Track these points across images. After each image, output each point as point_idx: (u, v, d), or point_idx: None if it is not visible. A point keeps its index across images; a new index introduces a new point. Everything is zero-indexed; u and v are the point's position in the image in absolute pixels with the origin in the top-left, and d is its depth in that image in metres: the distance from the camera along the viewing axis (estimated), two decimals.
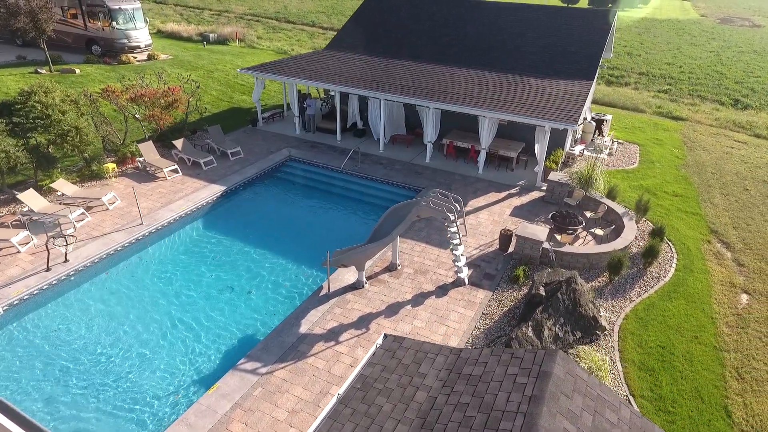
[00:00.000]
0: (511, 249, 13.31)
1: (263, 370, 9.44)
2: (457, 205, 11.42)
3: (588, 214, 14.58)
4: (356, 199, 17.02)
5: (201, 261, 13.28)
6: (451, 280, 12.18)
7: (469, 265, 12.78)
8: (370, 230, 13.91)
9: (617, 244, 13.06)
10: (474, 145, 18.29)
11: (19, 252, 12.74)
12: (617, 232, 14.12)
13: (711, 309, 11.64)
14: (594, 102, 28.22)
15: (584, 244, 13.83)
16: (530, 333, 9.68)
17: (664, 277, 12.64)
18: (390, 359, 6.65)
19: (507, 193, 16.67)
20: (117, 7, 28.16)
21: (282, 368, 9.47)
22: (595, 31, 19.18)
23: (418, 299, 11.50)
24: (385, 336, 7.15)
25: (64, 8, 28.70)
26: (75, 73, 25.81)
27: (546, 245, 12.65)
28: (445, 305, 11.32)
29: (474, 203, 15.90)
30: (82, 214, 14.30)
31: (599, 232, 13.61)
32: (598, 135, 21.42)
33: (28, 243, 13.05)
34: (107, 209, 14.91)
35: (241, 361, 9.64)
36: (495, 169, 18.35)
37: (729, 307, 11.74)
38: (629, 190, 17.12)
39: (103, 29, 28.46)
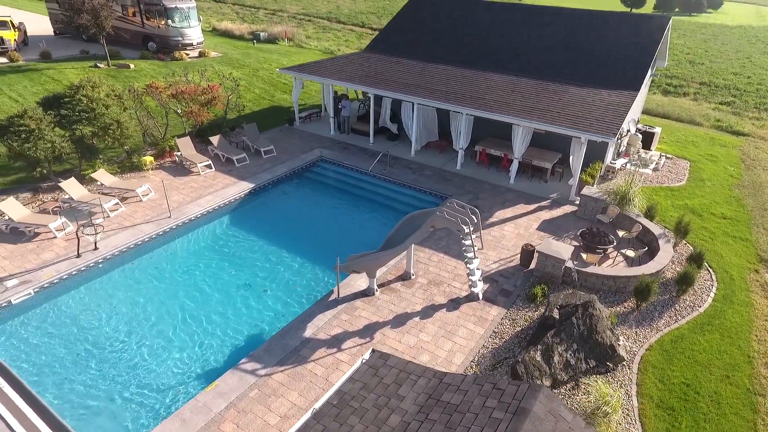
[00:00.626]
0: (533, 266, 12.75)
1: (263, 371, 9.48)
2: (473, 217, 11.04)
3: (621, 234, 13.73)
4: (382, 203, 16.87)
5: (222, 257, 13.55)
6: (465, 293, 11.80)
7: (486, 279, 12.34)
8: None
9: (648, 267, 12.21)
10: (507, 154, 17.69)
11: (55, 237, 13.48)
12: (651, 254, 13.21)
13: (749, 347, 10.65)
14: (645, 112, 26.71)
15: (614, 266, 13.03)
16: (538, 357, 9.19)
17: (699, 306, 11.69)
18: (372, 377, 6.45)
19: (537, 205, 16.00)
20: (173, 6, 29.37)
21: (281, 371, 9.48)
22: (644, 39, 18.06)
23: (428, 311, 11.21)
24: (373, 351, 6.97)
25: (125, 6, 30.26)
26: (130, 68, 27.17)
27: (569, 264, 12.01)
28: (455, 320, 10.97)
29: (500, 214, 15.36)
30: (116, 204, 14.96)
31: (630, 253, 12.78)
32: (644, 148, 20.19)
33: (65, 229, 13.79)
34: (141, 201, 15.53)
35: (243, 360, 9.73)
36: (528, 180, 17.67)
37: None
38: (672, 209, 16.01)
39: (159, 27, 29.78)
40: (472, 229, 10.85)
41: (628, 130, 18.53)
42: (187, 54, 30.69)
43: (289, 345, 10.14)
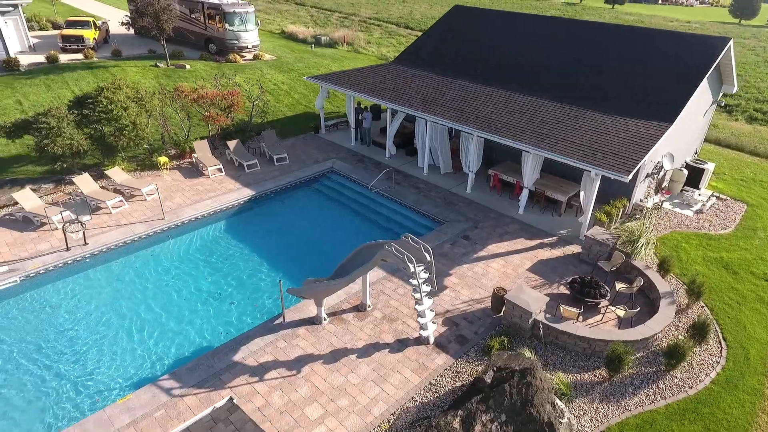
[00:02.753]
0: (503, 313, 11.52)
1: (177, 391, 9.36)
2: (426, 255, 10.16)
3: (618, 287, 12.02)
4: (377, 222, 16.26)
5: (200, 263, 13.72)
6: (417, 334, 10.92)
7: (447, 320, 11.34)
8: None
9: (635, 332, 10.54)
10: (519, 181, 16.29)
11: (56, 229, 14.43)
12: (650, 315, 11.41)
13: None
14: (716, 143, 23.52)
15: (601, 324, 11.42)
16: (456, 425, 8.19)
17: (690, 388, 9.87)
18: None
19: (539, 242, 14.54)
20: (231, 10, 30.67)
21: (194, 395, 9.29)
22: (690, 64, 15.72)
23: (369, 350, 10.50)
24: (230, 400, 6.51)
25: (193, 10, 32.12)
26: (185, 68, 28.75)
27: (540, 317, 10.69)
28: (394, 363, 10.16)
29: (493, 248, 14.13)
30: (120, 201, 15.74)
31: (620, 312, 11.11)
32: (691, 186, 17.67)
33: (72, 221, 14.72)
34: (145, 200, 16.23)
35: (164, 377, 9.69)
36: (540, 212, 16.15)
37: None
38: (700, 262, 13.80)
39: (218, 30, 31.25)
40: (416, 268, 9.98)
41: (660, 166, 16.29)
42: (242, 56, 31.92)
43: (214, 367, 9.95)
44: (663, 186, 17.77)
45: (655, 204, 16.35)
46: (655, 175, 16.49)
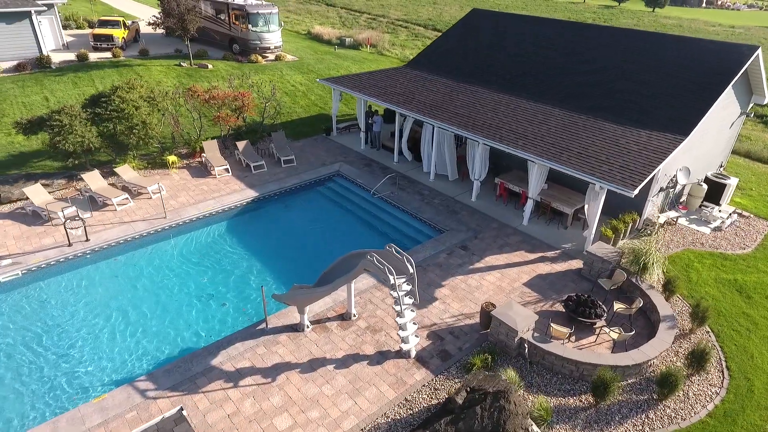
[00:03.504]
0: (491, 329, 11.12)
1: (152, 393, 9.40)
2: (409, 266, 9.90)
3: (616, 307, 11.42)
4: (377, 228, 16.06)
5: (196, 264, 13.83)
6: (399, 347, 10.66)
7: (432, 334, 11.04)
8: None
9: (627, 357, 9.98)
10: (525, 191, 15.79)
11: (60, 225, 14.84)
12: (649, 338, 10.80)
13: None
14: (738, 153, 22.26)
15: (593, 345, 10.88)
16: None
17: (683, 420, 9.26)
18: None
19: (540, 255, 14.02)
20: (255, 11, 31.06)
21: (167, 398, 9.31)
22: (714, 73, 14.84)
23: (348, 361, 10.31)
24: (180, 410, 6.45)
25: (219, 11, 32.70)
26: (207, 68, 29.27)
27: (526, 336, 10.26)
28: (371, 377, 9.94)
29: (491, 260, 13.72)
30: (126, 199, 16.07)
31: (614, 334, 10.54)
32: (711, 202, 16.73)
33: (73, 217, 15.12)
34: (150, 198, 16.52)
35: (141, 377, 9.76)
36: (545, 223, 15.60)
37: None
38: (711, 284, 13.01)
39: (242, 30, 31.70)
40: (396, 280, 9.72)
41: (674, 181, 15.46)
42: (265, 57, 32.27)
43: (191, 370, 9.96)
44: (681, 200, 16.91)
45: (669, 220, 15.55)
46: (671, 190, 15.68)
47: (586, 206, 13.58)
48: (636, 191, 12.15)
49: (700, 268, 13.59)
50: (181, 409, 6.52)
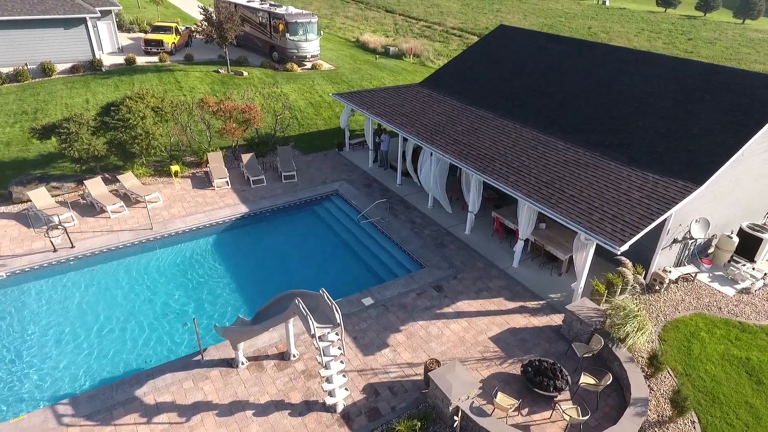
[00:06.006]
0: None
1: (67, 420, 9.35)
2: (336, 316, 9.16)
3: (582, 381, 9.97)
4: (357, 255, 15.37)
5: (173, 278, 13.85)
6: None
7: (368, 387, 10.19)
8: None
9: None
10: (519, 230, 14.44)
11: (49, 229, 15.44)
12: (615, 421, 9.31)
13: None
14: None
15: (545, 423, 9.54)
16: None
17: None
18: None
19: (519, 304, 12.69)
20: (294, 21, 31.33)
21: (79, 427, 9.22)
22: (746, 112, 12.72)
23: (269, 408, 9.72)
24: None
25: (261, 18, 33.36)
26: (242, 75, 29.87)
27: (463, 405, 9.17)
28: (288, 429, 9.29)
29: (463, 305, 12.59)
30: (121, 206, 16.49)
31: (567, 416, 9.15)
32: (744, 257, 14.45)
33: (69, 223, 15.73)
34: (146, 207, 16.86)
35: (63, 401, 9.75)
36: (539, 267, 14.17)
37: None
38: (717, 360, 11.09)
39: (280, 39, 32.10)
40: (317, 331, 9.00)
41: (688, 236, 13.42)
42: (302, 65, 32.47)
43: (113, 399, 9.83)
44: (708, 253, 14.78)
45: (685, 275, 13.57)
46: (689, 240, 13.69)
47: (574, 256, 12.10)
48: (624, 248, 10.60)
49: (706, 338, 11.67)
50: None
